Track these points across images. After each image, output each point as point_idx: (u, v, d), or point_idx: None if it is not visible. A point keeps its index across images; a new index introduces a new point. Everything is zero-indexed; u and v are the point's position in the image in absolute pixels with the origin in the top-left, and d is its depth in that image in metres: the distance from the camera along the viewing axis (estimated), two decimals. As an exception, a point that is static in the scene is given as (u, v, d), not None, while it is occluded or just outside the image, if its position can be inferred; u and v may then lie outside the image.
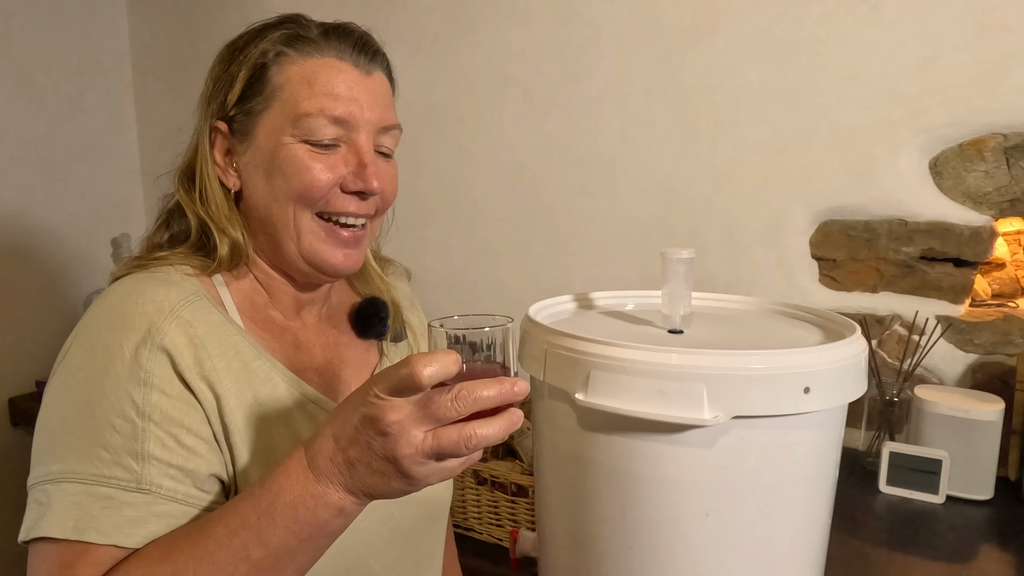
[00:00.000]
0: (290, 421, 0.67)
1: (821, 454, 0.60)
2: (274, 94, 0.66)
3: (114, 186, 2.09)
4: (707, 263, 1.39)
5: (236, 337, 0.65)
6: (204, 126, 0.69)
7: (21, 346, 1.89)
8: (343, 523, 0.54)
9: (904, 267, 1.25)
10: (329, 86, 0.65)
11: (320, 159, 0.66)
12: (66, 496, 0.55)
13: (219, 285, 0.68)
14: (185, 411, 0.59)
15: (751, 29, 1.31)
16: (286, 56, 0.66)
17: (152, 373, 0.58)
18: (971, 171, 1.18)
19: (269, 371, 0.67)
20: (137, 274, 0.65)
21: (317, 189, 0.65)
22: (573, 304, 0.82)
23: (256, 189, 0.68)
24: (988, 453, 1.06)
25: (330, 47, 0.67)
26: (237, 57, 0.67)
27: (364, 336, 0.79)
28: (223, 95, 0.67)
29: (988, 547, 0.94)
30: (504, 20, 1.55)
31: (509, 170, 1.60)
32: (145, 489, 0.56)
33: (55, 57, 1.94)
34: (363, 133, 0.67)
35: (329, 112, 0.65)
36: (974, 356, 1.21)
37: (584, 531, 0.63)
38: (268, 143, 0.66)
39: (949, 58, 1.16)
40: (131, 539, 0.55)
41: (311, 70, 0.65)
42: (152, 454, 0.57)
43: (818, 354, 0.56)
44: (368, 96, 0.68)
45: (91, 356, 0.59)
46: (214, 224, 0.67)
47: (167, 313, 0.60)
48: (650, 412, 0.55)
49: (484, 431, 0.48)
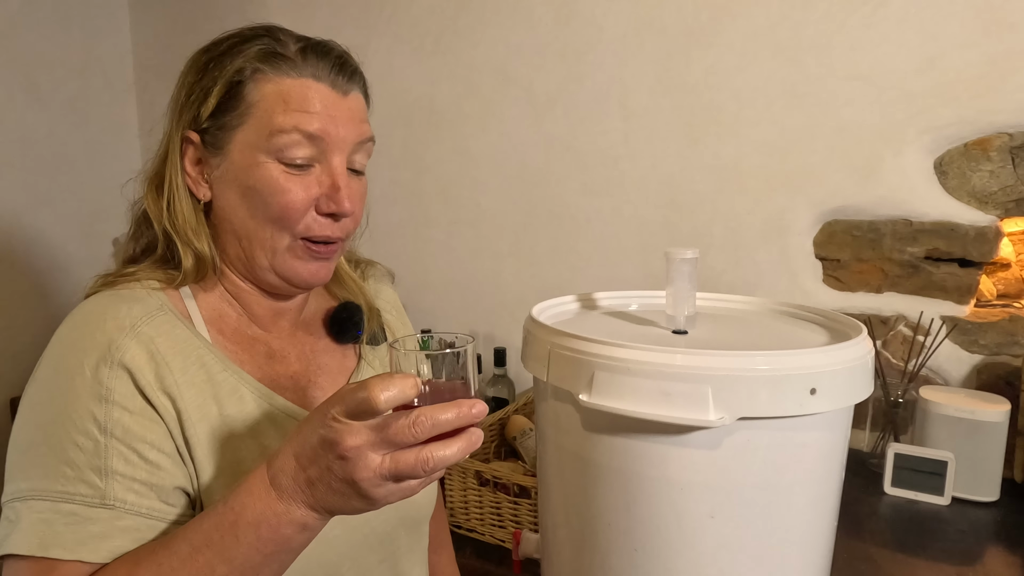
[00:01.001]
0: (258, 433, 0.66)
1: (827, 456, 0.60)
2: (249, 110, 0.65)
3: (114, 188, 2.08)
4: (710, 263, 1.39)
5: (201, 351, 0.65)
6: (175, 134, 0.68)
7: (22, 346, 1.89)
8: (307, 538, 0.55)
9: (909, 267, 1.24)
10: (304, 104, 0.65)
11: (294, 180, 0.65)
12: (33, 513, 0.57)
13: (186, 298, 0.68)
14: (147, 426, 0.60)
15: (754, 28, 1.30)
16: (262, 73, 0.65)
17: (113, 390, 0.59)
18: (976, 171, 1.17)
19: (236, 383, 0.66)
20: (103, 292, 0.66)
21: (293, 211, 0.65)
22: (576, 304, 0.81)
23: (229, 203, 0.67)
24: (994, 454, 1.06)
25: (307, 66, 0.66)
26: (212, 70, 0.66)
27: (340, 341, 0.79)
28: (196, 108, 0.66)
29: (994, 549, 0.94)
30: (506, 20, 1.55)
31: (511, 170, 1.60)
32: (109, 504, 0.57)
33: (56, 58, 1.94)
34: (337, 154, 0.67)
35: (304, 128, 0.64)
36: (979, 357, 1.20)
37: (588, 533, 0.63)
38: (242, 160, 0.65)
39: (954, 57, 1.15)
40: (96, 554, 0.57)
41: (287, 88, 0.65)
42: (115, 470, 0.58)
43: (824, 355, 0.56)
44: (343, 114, 0.67)
45: (55, 375, 0.61)
46: (179, 236, 0.67)
47: (127, 330, 0.61)
48: (655, 413, 0.54)
49: (442, 453, 0.49)
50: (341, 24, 1.74)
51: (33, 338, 1.91)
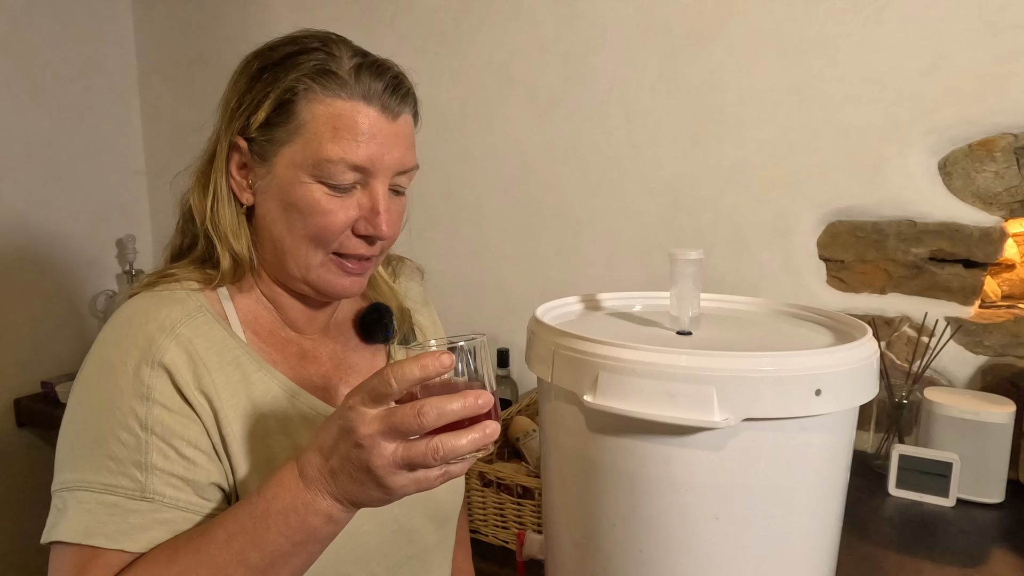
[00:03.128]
0: (290, 431, 0.68)
1: (832, 457, 0.60)
2: (298, 129, 0.66)
3: (119, 187, 2.09)
4: (713, 264, 1.39)
5: (237, 351, 0.68)
6: (224, 138, 0.69)
7: (26, 347, 1.89)
8: (333, 530, 0.57)
9: (913, 268, 1.24)
10: (353, 132, 0.65)
11: (335, 202, 0.67)
12: (79, 504, 0.60)
13: (224, 299, 0.71)
14: (185, 424, 0.62)
15: (758, 29, 1.30)
16: (313, 92, 0.65)
17: (153, 388, 0.61)
18: (981, 171, 1.17)
19: (269, 383, 0.69)
20: (144, 294, 0.68)
21: (331, 232, 0.67)
22: (580, 305, 0.81)
23: (270, 213, 0.69)
24: (999, 456, 1.05)
25: (359, 87, 0.66)
26: (265, 80, 0.67)
27: (369, 342, 0.81)
28: (246, 116, 0.67)
29: (999, 550, 0.93)
30: (509, 20, 1.55)
31: (514, 171, 1.60)
32: (149, 497, 0.60)
33: (60, 58, 1.94)
34: (380, 179, 0.68)
35: (350, 160, 0.65)
36: (984, 358, 1.20)
37: (592, 534, 0.63)
38: (287, 176, 0.67)
39: (959, 57, 1.15)
40: (136, 544, 0.59)
41: (337, 112, 0.65)
42: (155, 465, 0.61)
43: (830, 356, 0.56)
44: (391, 141, 0.68)
45: (99, 373, 0.63)
46: (218, 237, 0.69)
47: (167, 331, 0.64)
48: (659, 414, 0.54)
49: (452, 443, 0.51)
50: (344, 25, 1.74)
51: (36, 339, 1.91)
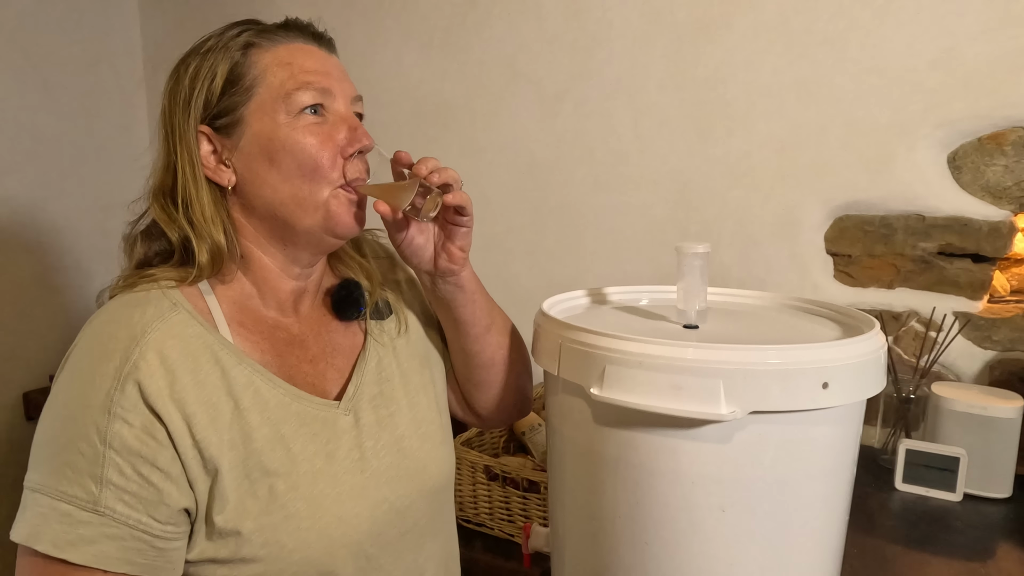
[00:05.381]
0: (274, 422, 0.67)
1: (839, 450, 0.60)
2: (256, 81, 0.68)
3: (126, 182, 2.10)
4: (720, 259, 1.38)
5: (215, 347, 0.66)
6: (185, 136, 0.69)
7: (34, 341, 1.91)
8: None
9: (921, 263, 1.23)
10: (305, 64, 0.70)
11: (317, 131, 0.69)
12: (36, 506, 0.60)
13: (206, 294, 0.69)
14: (146, 442, 0.61)
15: (766, 22, 1.29)
16: (256, 47, 0.69)
17: (118, 403, 0.61)
18: (990, 165, 1.16)
19: (250, 376, 0.67)
20: (119, 297, 0.68)
21: (326, 159, 0.69)
22: (587, 299, 0.81)
23: (258, 176, 0.69)
24: (1006, 451, 1.05)
25: (293, 32, 0.72)
26: (207, 60, 0.69)
27: (343, 319, 0.80)
28: (203, 96, 0.69)
29: (1006, 545, 0.93)
30: (515, 14, 1.55)
31: (520, 165, 1.60)
32: (100, 511, 0.60)
33: (67, 53, 1.95)
34: (343, 102, 0.72)
35: (314, 85, 0.69)
36: (992, 353, 1.19)
37: (598, 526, 0.63)
38: (262, 127, 0.68)
39: (969, 50, 1.14)
40: (81, 556, 0.59)
41: (284, 53, 0.70)
42: (110, 480, 0.60)
43: (837, 349, 0.56)
44: (337, 70, 0.73)
45: (70, 380, 0.63)
46: (196, 232, 0.68)
47: (139, 338, 0.63)
48: (666, 407, 0.54)
49: None
50: (350, 19, 1.74)
51: (45, 332, 1.93)
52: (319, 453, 0.69)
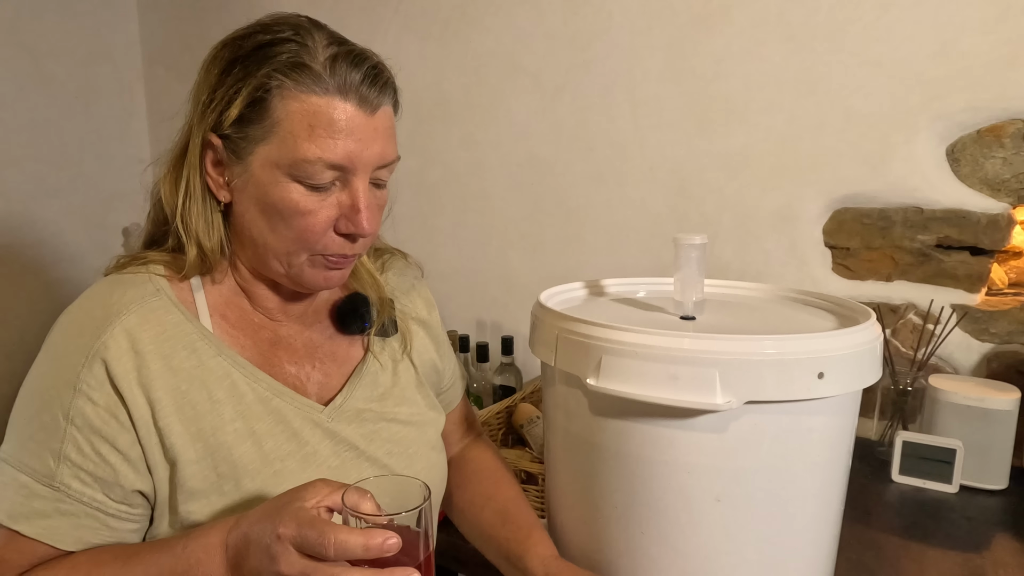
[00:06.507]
0: (248, 417, 0.66)
1: (834, 440, 0.60)
2: (273, 127, 0.63)
3: (125, 176, 2.10)
4: (718, 251, 1.38)
5: (192, 336, 0.66)
6: (197, 133, 0.66)
7: (33, 334, 1.91)
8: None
9: (919, 255, 1.23)
10: (330, 129, 0.62)
11: (315, 202, 0.64)
12: (1, 475, 0.62)
13: (196, 289, 0.69)
14: (108, 421, 0.62)
15: (764, 14, 1.29)
16: (287, 89, 0.62)
17: (84, 381, 0.61)
18: (989, 157, 1.16)
19: (228, 368, 0.67)
20: (108, 278, 0.69)
21: (312, 234, 0.65)
22: (584, 291, 0.81)
23: (248, 213, 0.67)
24: (1003, 443, 1.05)
25: (335, 80, 0.62)
26: (237, 72, 0.64)
27: (345, 333, 0.78)
28: (219, 112, 0.65)
29: (1002, 536, 0.93)
30: (515, 7, 1.54)
31: (519, 158, 1.60)
32: (55, 486, 0.61)
33: (65, 47, 1.94)
34: (360, 176, 0.65)
35: (328, 159, 0.62)
36: (990, 345, 1.19)
37: (595, 516, 0.63)
38: (263, 176, 0.64)
39: (968, 42, 1.14)
40: (31, 529, 0.61)
41: (313, 109, 0.62)
42: (67, 455, 0.61)
43: (833, 339, 0.56)
44: (370, 136, 0.65)
45: (45, 355, 0.65)
46: (187, 231, 0.67)
47: (114, 318, 0.63)
48: (662, 397, 0.54)
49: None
50: (347, 11, 1.74)
51: (43, 326, 1.92)
52: (294, 455, 0.68)
